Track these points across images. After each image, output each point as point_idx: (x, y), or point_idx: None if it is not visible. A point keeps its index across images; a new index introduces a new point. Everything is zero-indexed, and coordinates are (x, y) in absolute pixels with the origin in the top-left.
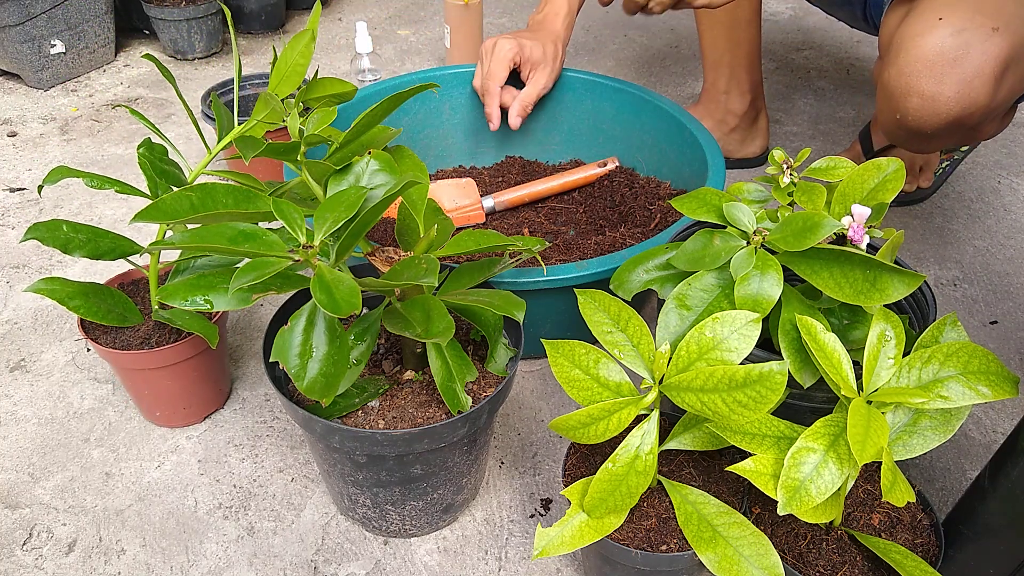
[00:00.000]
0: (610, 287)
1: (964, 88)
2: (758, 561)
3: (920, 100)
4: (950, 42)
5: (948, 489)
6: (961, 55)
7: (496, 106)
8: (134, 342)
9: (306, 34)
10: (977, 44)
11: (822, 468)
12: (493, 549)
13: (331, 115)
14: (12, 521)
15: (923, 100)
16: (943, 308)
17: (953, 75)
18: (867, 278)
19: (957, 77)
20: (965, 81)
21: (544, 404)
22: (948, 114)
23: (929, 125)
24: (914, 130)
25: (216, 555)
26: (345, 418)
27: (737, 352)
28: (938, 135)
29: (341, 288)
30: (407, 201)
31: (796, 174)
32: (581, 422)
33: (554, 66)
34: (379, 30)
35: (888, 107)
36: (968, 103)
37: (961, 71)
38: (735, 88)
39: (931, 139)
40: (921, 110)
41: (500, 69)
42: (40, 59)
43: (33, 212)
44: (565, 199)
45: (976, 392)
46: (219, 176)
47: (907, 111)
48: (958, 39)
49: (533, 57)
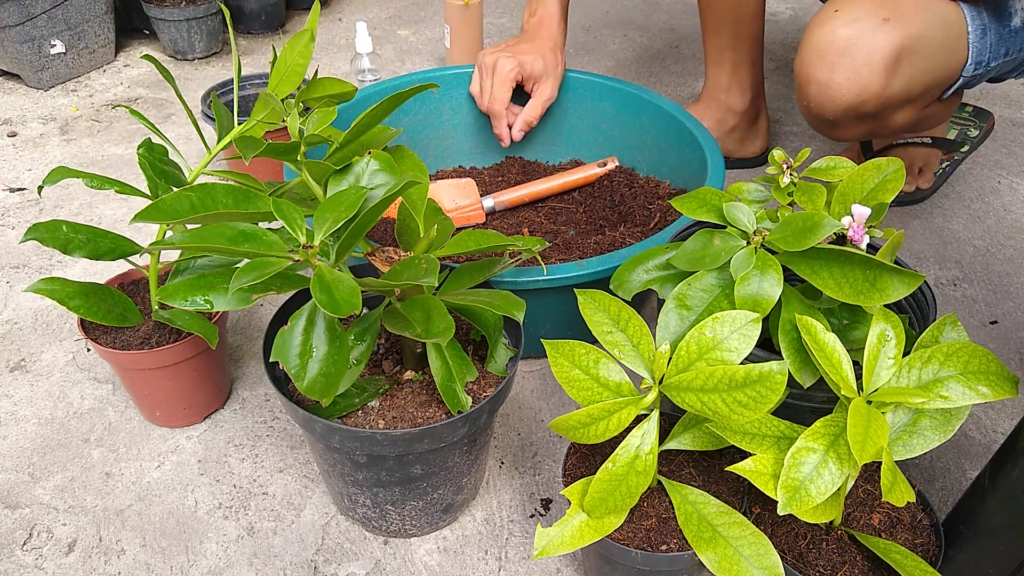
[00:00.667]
0: (610, 287)
1: (854, 75)
2: (758, 561)
3: (817, 87)
4: (842, 32)
5: (948, 489)
6: (852, 44)
7: (504, 127)
8: (134, 342)
9: (305, 34)
10: (868, 34)
11: (822, 468)
12: (493, 549)
13: (331, 115)
14: (12, 521)
15: (819, 87)
16: (943, 308)
17: (843, 63)
18: (867, 278)
19: (847, 65)
20: (855, 69)
21: (544, 404)
22: (842, 100)
23: (828, 111)
24: (816, 116)
25: (216, 555)
26: (345, 418)
27: (737, 352)
28: (840, 122)
29: (341, 288)
30: (407, 201)
31: (796, 174)
32: (581, 422)
33: (556, 74)
34: (379, 30)
35: (798, 95)
36: (859, 90)
37: (851, 59)
38: (736, 85)
39: (835, 126)
40: (819, 97)
41: (504, 92)
42: (40, 59)
43: (33, 212)
44: (565, 199)
45: (976, 392)
46: (219, 176)
47: (808, 98)
48: (850, 29)
49: (535, 72)
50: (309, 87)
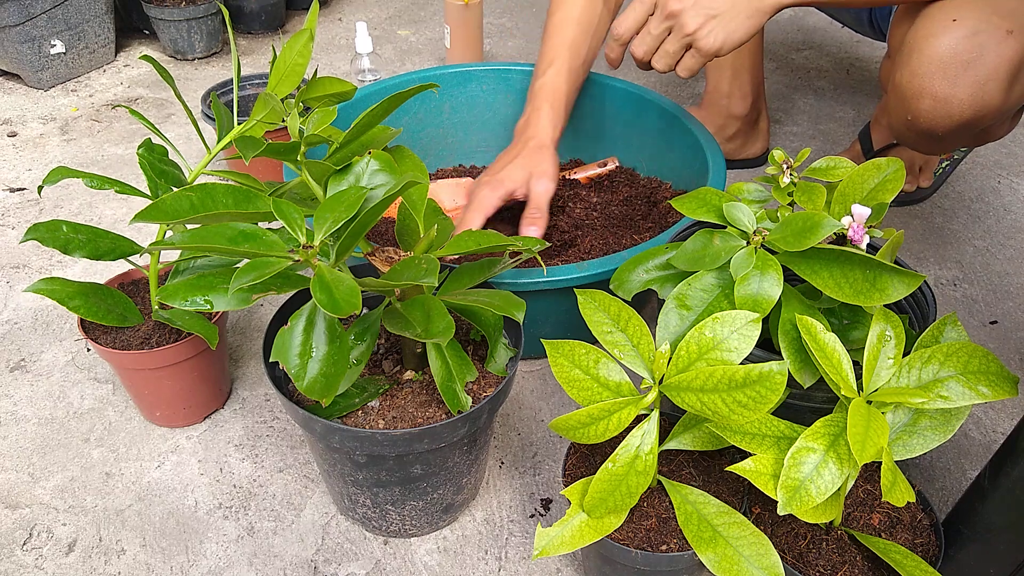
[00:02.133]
0: (610, 287)
1: (978, 91)
2: (758, 561)
3: (933, 102)
4: (964, 44)
5: (948, 489)
6: (975, 57)
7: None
8: (134, 342)
9: (304, 33)
10: (992, 46)
11: (822, 468)
12: (493, 549)
13: (331, 115)
14: (12, 521)
15: (936, 102)
16: (943, 308)
17: (967, 77)
18: (867, 278)
19: (971, 79)
20: (979, 83)
21: (544, 404)
22: (961, 116)
23: (941, 127)
24: (925, 131)
25: (216, 555)
26: (345, 418)
27: (737, 352)
28: (949, 137)
29: (341, 288)
30: (407, 201)
31: (796, 174)
32: (581, 422)
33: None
34: (379, 30)
35: (900, 108)
36: (981, 106)
37: (975, 73)
38: (737, 91)
39: (942, 140)
40: (933, 112)
41: (479, 221)
42: (40, 59)
43: (33, 212)
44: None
45: (976, 392)
46: (219, 176)
47: (919, 113)
48: (972, 41)
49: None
50: (309, 87)
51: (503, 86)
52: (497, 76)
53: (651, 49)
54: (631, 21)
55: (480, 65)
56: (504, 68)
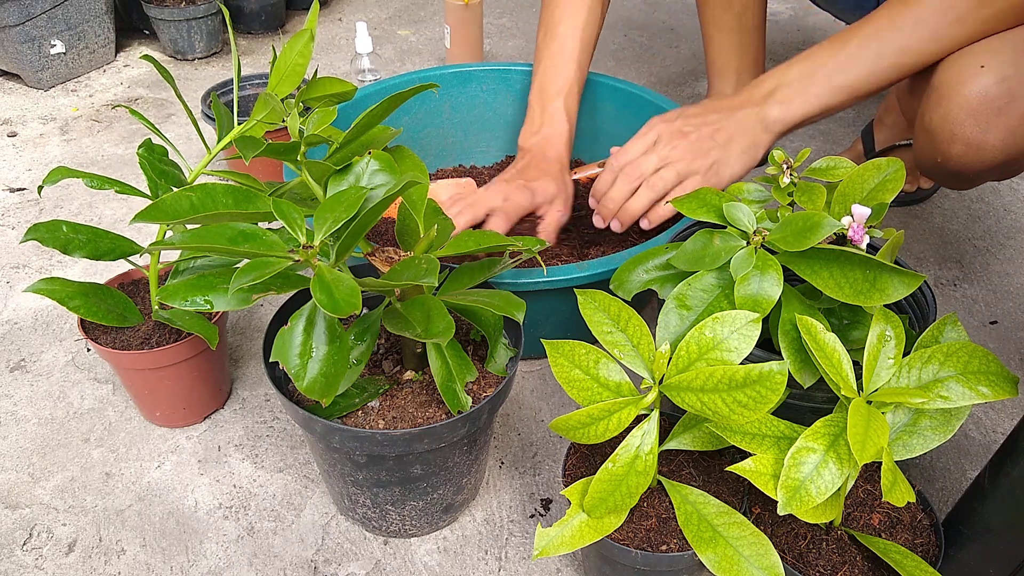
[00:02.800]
0: (610, 287)
1: (1009, 136)
2: (758, 561)
3: (965, 147)
4: (995, 90)
5: (948, 489)
6: (1006, 104)
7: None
8: (134, 342)
9: (305, 34)
10: (1021, 92)
11: (822, 468)
12: (493, 549)
13: (331, 115)
14: (12, 521)
15: (968, 147)
16: (943, 308)
17: (999, 124)
18: (867, 278)
19: (1003, 125)
20: (1011, 129)
21: (544, 404)
22: (993, 160)
23: (972, 170)
24: (956, 173)
25: (216, 555)
26: (345, 418)
27: (737, 352)
28: (977, 178)
29: (341, 288)
30: (407, 201)
31: (796, 174)
32: (581, 422)
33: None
34: (379, 30)
35: (930, 150)
36: (1013, 150)
37: (1007, 120)
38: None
39: (972, 181)
40: (965, 156)
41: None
42: (40, 59)
43: (33, 212)
44: None
45: (976, 392)
46: (219, 176)
47: (950, 156)
48: (1002, 87)
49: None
50: (309, 87)
51: (503, 86)
52: (497, 76)
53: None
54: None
55: (480, 65)
56: (504, 68)
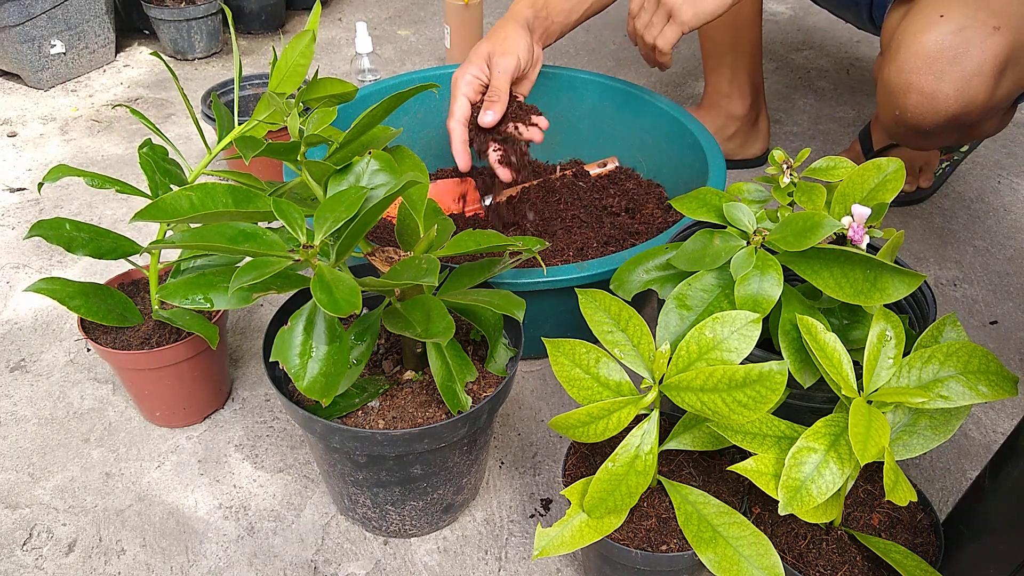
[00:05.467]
0: (610, 287)
1: (963, 86)
2: (758, 561)
3: (919, 97)
4: (951, 40)
5: (948, 489)
6: (961, 52)
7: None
8: (134, 342)
9: (306, 34)
10: (977, 42)
11: (823, 468)
12: (493, 549)
13: (331, 115)
14: (12, 521)
15: (922, 97)
16: (943, 308)
17: (953, 72)
18: (867, 278)
19: (957, 75)
20: (964, 79)
21: (544, 404)
22: (947, 111)
23: (928, 122)
24: (913, 126)
25: (216, 555)
26: (345, 418)
27: (737, 352)
28: (937, 132)
29: (341, 288)
30: (407, 201)
31: (796, 174)
32: (581, 421)
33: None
34: (379, 30)
35: (888, 103)
36: (967, 101)
37: (961, 69)
38: (736, 91)
39: (930, 136)
40: (920, 107)
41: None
42: (40, 59)
43: (33, 212)
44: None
45: (976, 392)
46: (219, 176)
47: (906, 107)
48: (959, 37)
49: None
50: (310, 87)
51: None
52: None
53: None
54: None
55: None
56: None
